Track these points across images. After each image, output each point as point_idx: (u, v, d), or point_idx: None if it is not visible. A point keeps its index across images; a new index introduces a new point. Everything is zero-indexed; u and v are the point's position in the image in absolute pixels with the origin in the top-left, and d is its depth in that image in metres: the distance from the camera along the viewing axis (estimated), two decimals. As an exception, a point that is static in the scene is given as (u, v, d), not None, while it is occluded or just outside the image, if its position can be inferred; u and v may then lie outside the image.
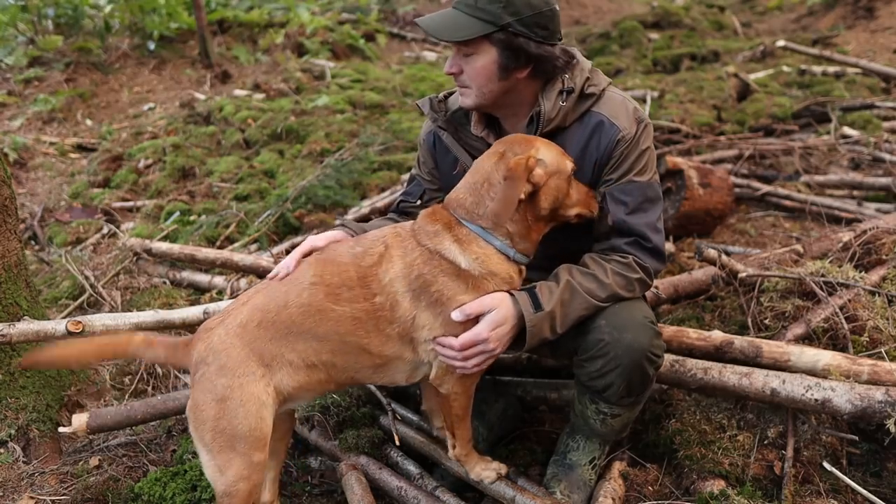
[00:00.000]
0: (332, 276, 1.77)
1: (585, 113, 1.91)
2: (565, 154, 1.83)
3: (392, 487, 2.11)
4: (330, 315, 1.75)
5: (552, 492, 2.00)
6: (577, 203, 1.86)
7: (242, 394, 1.72)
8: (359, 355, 1.80)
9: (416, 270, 1.73)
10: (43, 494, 2.22)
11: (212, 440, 1.73)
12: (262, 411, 1.73)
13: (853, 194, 4.21)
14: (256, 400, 1.72)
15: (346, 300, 1.75)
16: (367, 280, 1.75)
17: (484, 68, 1.81)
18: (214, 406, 1.71)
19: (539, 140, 1.81)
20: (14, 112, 7.38)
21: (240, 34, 9.41)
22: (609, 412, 1.95)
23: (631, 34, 8.76)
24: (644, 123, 1.91)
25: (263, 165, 5.24)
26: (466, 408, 1.92)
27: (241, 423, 1.71)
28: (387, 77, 7.79)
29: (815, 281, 2.44)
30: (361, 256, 1.78)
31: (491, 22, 1.76)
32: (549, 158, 1.77)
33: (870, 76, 6.11)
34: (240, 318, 1.78)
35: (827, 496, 1.91)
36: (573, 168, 1.82)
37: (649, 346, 1.82)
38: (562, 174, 1.79)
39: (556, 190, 1.79)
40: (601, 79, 1.95)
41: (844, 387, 1.85)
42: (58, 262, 4.01)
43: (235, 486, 1.72)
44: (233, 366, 1.73)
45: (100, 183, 5.69)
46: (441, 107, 2.06)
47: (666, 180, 3.96)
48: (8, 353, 2.51)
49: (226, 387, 1.72)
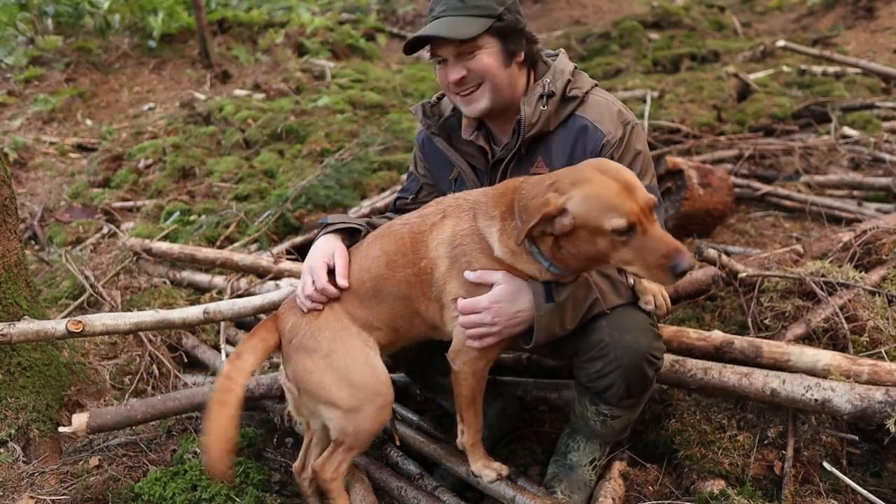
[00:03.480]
0: (391, 245, 1.89)
1: (569, 117, 1.91)
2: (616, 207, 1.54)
3: (392, 487, 2.11)
4: (391, 282, 1.87)
5: (553, 492, 2.00)
6: (632, 263, 1.58)
7: (346, 345, 1.87)
8: (415, 318, 1.91)
9: (458, 240, 1.79)
10: (43, 494, 2.22)
11: (331, 392, 1.84)
12: (369, 358, 1.87)
13: (853, 194, 4.20)
14: (361, 349, 1.87)
15: (401, 266, 1.86)
16: (417, 245, 1.84)
17: (492, 59, 1.87)
18: (323, 361, 1.85)
19: (587, 184, 1.59)
20: (14, 112, 7.38)
21: (240, 34, 9.41)
22: (609, 413, 1.95)
23: (631, 34, 8.76)
24: (631, 126, 1.90)
25: (263, 165, 5.24)
26: (475, 391, 1.93)
27: (354, 371, 1.85)
28: (387, 77, 7.79)
29: (815, 281, 2.44)
30: (418, 225, 1.88)
31: (488, 16, 1.83)
32: (581, 210, 1.57)
33: (870, 76, 6.11)
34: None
35: (827, 496, 1.91)
36: (621, 226, 1.53)
37: (649, 347, 1.82)
38: (595, 230, 1.57)
39: (587, 242, 1.60)
40: (584, 81, 1.96)
41: (844, 387, 1.85)
42: (58, 262, 4.01)
43: (362, 429, 1.86)
44: (331, 321, 1.90)
45: (100, 183, 5.69)
46: (434, 111, 2.11)
47: (666, 180, 3.96)
48: (8, 352, 2.51)
49: (329, 339, 1.87)
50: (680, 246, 1.55)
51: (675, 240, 1.58)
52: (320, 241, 2.01)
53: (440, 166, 2.16)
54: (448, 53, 1.87)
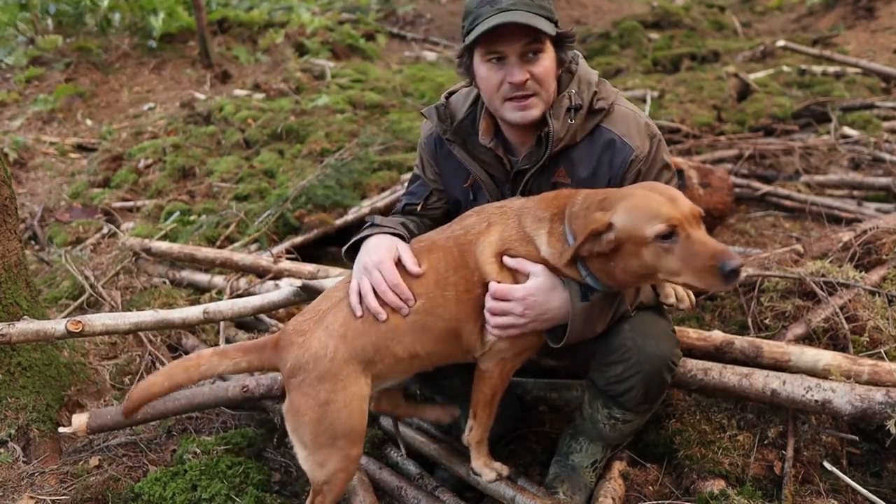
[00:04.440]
0: (439, 261, 1.80)
1: (595, 129, 1.86)
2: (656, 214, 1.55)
3: (392, 487, 2.11)
4: (439, 302, 1.78)
5: (555, 492, 2.00)
6: (680, 272, 1.56)
7: (346, 395, 1.75)
8: (455, 340, 1.82)
9: (507, 244, 1.76)
10: (43, 494, 2.22)
11: (312, 440, 1.77)
12: (362, 406, 1.78)
13: (853, 194, 4.21)
14: (358, 397, 1.77)
15: (451, 284, 1.78)
16: (466, 258, 1.78)
17: (551, 66, 1.79)
18: (316, 410, 1.74)
19: (630, 198, 1.61)
20: (14, 112, 7.38)
21: (240, 34, 9.41)
22: (622, 418, 1.94)
23: (631, 34, 8.76)
24: (658, 139, 1.88)
25: (263, 165, 5.23)
26: (497, 390, 1.91)
27: (343, 423, 1.75)
28: (387, 77, 7.79)
29: (816, 281, 2.44)
30: (464, 237, 1.81)
31: (549, 18, 1.75)
32: (625, 222, 1.58)
33: (870, 76, 6.11)
34: (342, 316, 1.79)
35: (827, 496, 1.91)
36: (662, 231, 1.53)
37: (671, 354, 1.82)
38: (638, 241, 1.56)
39: (633, 256, 1.59)
40: (609, 91, 1.90)
41: (845, 388, 1.85)
42: (58, 262, 4.01)
43: (335, 477, 1.80)
44: (336, 370, 1.75)
45: (100, 183, 5.69)
46: (447, 114, 1.99)
47: (666, 180, 3.95)
48: (8, 352, 2.51)
49: (329, 391, 1.74)
50: (725, 247, 1.53)
51: (720, 243, 1.56)
52: (376, 239, 1.87)
53: (453, 172, 2.06)
54: (514, 51, 1.73)
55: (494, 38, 1.73)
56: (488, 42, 1.74)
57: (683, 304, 1.84)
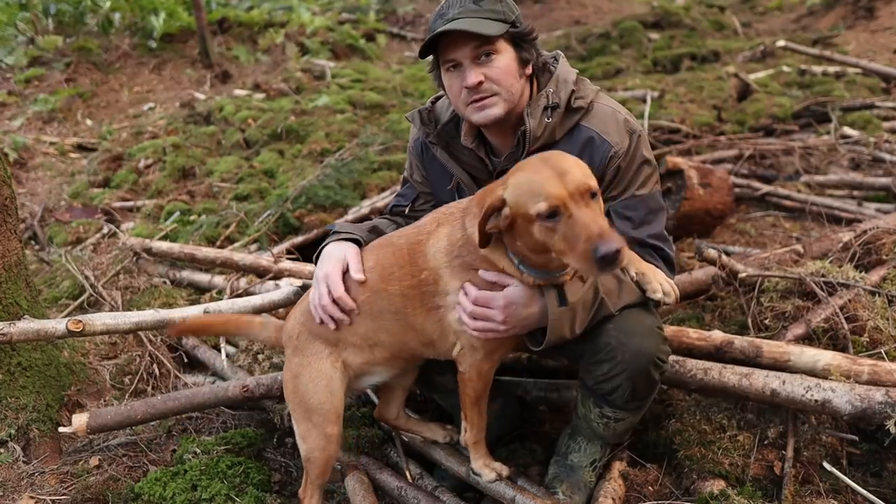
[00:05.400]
0: (387, 258, 1.87)
1: (574, 127, 1.88)
2: (539, 192, 1.52)
3: (392, 487, 2.11)
4: (383, 296, 1.85)
5: (554, 492, 2.00)
6: (564, 252, 1.52)
7: (311, 370, 1.93)
8: (408, 333, 1.88)
9: (455, 250, 1.78)
10: (43, 494, 2.22)
11: (293, 411, 1.99)
12: (331, 385, 1.92)
13: (853, 194, 4.20)
14: (325, 375, 1.92)
15: (396, 279, 1.84)
16: (415, 256, 1.82)
17: (508, 66, 1.82)
18: (292, 381, 1.97)
19: (520, 172, 1.62)
20: (14, 112, 7.38)
21: (240, 34, 9.42)
22: (613, 416, 1.94)
23: (631, 34, 8.76)
24: (637, 134, 1.88)
25: (263, 165, 5.23)
26: (479, 392, 1.93)
27: (311, 396, 1.92)
28: (387, 77, 7.79)
29: (816, 281, 2.44)
30: (415, 236, 1.86)
31: (503, 20, 1.79)
32: (513, 197, 1.57)
33: (870, 76, 6.11)
34: (304, 306, 1.98)
35: (827, 496, 1.91)
36: (544, 210, 1.50)
37: (656, 351, 1.82)
38: (525, 217, 1.55)
39: (526, 233, 1.58)
40: (588, 90, 1.92)
41: (844, 388, 1.85)
42: (58, 262, 4.01)
43: (313, 454, 1.96)
44: (301, 347, 1.96)
45: (100, 183, 5.69)
46: (431, 118, 2.05)
47: (666, 180, 3.95)
48: (8, 352, 2.51)
49: (298, 364, 1.96)
50: (606, 230, 1.46)
51: (606, 225, 1.49)
52: (331, 248, 1.96)
53: (439, 175, 2.10)
54: (464, 56, 1.79)
55: (446, 48, 1.81)
56: (444, 52, 1.83)
57: (669, 298, 1.76)
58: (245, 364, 2.83)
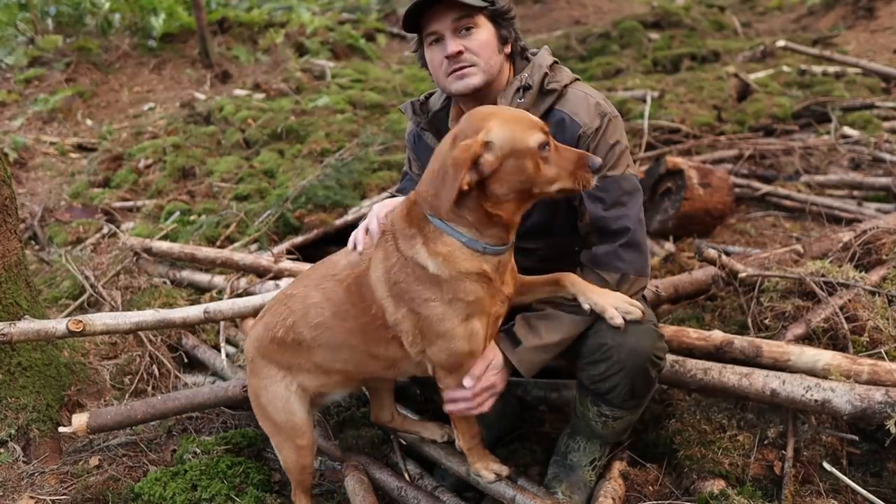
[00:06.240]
0: (336, 292, 1.81)
1: (549, 111, 1.91)
2: (532, 124, 1.61)
3: (392, 487, 2.11)
4: (339, 331, 1.83)
5: (554, 492, 2.00)
6: (557, 178, 1.62)
7: (268, 393, 1.96)
8: (369, 361, 1.88)
9: (393, 277, 1.71)
10: (43, 494, 2.22)
11: (263, 425, 2.03)
12: (288, 406, 1.94)
13: (853, 194, 4.21)
14: (281, 397, 1.95)
15: (352, 316, 1.80)
16: (362, 290, 1.77)
17: (488, 40, 1.88)
18: (254, 399, 2.01)
19: (496, 115, 1.62)
20: (14, 112, 7.38)
21: (240, 34, 9.42)
22: (611, 415, 1.95)
23: (631, 34, 8.75)
24: (608, 118, 1.89)
25: (263, 165, 5.23)
26: None
27: (272, 415, 1.96)
28: (387, 77, 7.79)
29: (815, 281, 2.44)
30: (357, 264, 1.80)
31: None
32: (502, 138, 1.58)
33: (870, 76, 6.11)
34: (257, 331, 1.98)
35: (827, 496, 1.91)
36: (542, 140, 1.59)
37: (652, 349, 1.82)
38: (521, 153, 1.58)
39: (516, 172, 1.59)
40: (564, 75, 1.95)
41: (844, 387, 1.85)
42: (58, 262, 4.01)
43: (288, 465, 2.02)
44: (257, 370, 1.98)
45: (100, 183, 5.69)
46: (423, 109, 2.13)
47: (666, 180, 3.96)
48: (8, 352, 2.51)
49: (256, 387, 1.99)
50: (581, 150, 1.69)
51: None
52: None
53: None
54: (445, 27, 1.84)
55: (428, 20, 1.87)
56: (426, 26, 1.88)
57: (631, 316, 1.78)
58: (245, 364, 2.83)
